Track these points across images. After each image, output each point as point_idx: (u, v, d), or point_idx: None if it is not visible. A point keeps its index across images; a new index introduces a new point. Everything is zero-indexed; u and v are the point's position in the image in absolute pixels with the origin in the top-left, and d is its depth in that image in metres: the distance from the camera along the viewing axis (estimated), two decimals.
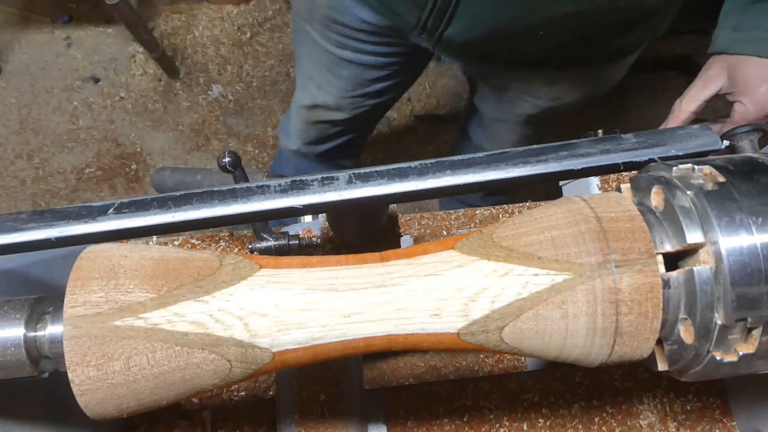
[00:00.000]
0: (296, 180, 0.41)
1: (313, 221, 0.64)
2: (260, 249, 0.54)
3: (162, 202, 0.41)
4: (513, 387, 0.60)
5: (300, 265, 0.36)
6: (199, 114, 1.92)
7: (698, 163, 0.36)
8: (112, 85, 1.93)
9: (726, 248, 0.32)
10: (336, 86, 1.05)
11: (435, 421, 0.58)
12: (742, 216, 0.32)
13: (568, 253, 0.34)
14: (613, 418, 0.58)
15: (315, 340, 0.35)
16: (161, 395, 0.34)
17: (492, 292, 0.34)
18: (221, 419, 0.58)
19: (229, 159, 0.47)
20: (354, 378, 0.55)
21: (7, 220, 0.40)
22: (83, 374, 0.32)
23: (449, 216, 0.73)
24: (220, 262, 0.36)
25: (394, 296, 0.35)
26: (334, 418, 0.53)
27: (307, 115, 1.16)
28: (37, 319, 0.35)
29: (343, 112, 1.11)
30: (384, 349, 0.36)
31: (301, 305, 0.34)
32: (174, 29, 2.01)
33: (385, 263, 0.36)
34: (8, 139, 1.86)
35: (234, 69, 1.97)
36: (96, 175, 1.84)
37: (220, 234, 0.66)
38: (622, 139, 0.42)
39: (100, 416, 0.34)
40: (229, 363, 0.34)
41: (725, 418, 0.58)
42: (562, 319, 0.34)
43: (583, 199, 0.37)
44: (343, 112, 1.11)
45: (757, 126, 0.43)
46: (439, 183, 0.41)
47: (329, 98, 1.08)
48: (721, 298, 0.32)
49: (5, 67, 1.94)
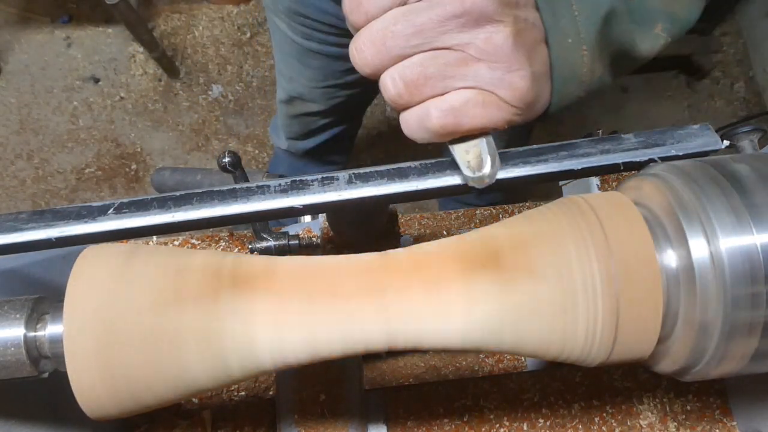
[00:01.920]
0: (296, 180, 0.41)
1: (313, 221, 0.64)
2: (260, 249, 0.54)
3: (162, 202, 0.41)
4: (513, 387, 0.60)
5: (300, 266, 0.36)
6: (199, 114, 1.91)
7: (698, 163, 0.36)
8: (112, 85, 1.93)
9: (726, 248, 0.32)
10: (306, 77, 1.04)
11: (435, 421, 0.58)
12: (743, 216, 0.32)
13: (568, 253, 0.34)
14: (613, 418, 0.58)
15: (315, 340, 0.35)
16: (161, 395, 0.34)
17: (492, 292, 0.34)
18: (221, 419, 0.58)
19: (229, 159, 0.47)
20: (354, 378, 0.55)
21: (7, 220, 0.40)
22: (83, 374, 0.32)
23: (449, 216, 0.73)
24: (221, 262, 0.36)
25: (395, 296, 0.35)
26: (334, 418, 0.53)
27: (287, 109, 1.16)
28: (37, 319, 0.35)
29: (318, 104, 1.10)
30: (385, 350, 0.36)
31: (301, 305, 0.34)
32: (174, 29, 2.01)
33: (385, 263, 0.36)
34: (8, 139, 1.86)
35: (234, 69, 1.97)
36: (96, 175, 1.84)
37: (220, 234, 0.66)
38: (622, 139, 0.42)
39: (100, 416, 0.34)
40: (229, 363, 0.34)
41: (725, 418, 0.58)
42: (562, 320, 0.34)
43: (583, 199, 0.37)
44: (318, 103, 1.10)
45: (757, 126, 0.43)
46: (439, 183, 0.41)
47: (302, 89, 1.07)
48: (722, 297, 0.32)
49: (5, 67, 1.94)
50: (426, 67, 0.36)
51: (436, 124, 0.38)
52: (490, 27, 0.36)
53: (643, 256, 0.33)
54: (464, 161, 0.39)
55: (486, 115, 0.38)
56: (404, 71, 0.37)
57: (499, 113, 0.38)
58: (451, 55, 0.36)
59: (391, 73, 0.37)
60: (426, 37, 0.36)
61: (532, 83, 0.38)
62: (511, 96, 0.38)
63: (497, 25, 0.36)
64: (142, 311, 0.33)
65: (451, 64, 0.36)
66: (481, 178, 0.39)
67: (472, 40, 0.36)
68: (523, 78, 0.37)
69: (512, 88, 0.37)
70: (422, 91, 0.37)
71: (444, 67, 0.36)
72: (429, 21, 0.35)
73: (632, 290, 0.33)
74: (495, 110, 0.38)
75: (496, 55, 0.36)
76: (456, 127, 0.38)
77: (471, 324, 0.35)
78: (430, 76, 0.36)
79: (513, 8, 0.37)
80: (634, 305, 0.33)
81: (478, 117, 0.38)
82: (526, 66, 0.37)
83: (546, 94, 0.41)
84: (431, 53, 0.36)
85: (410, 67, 0.36)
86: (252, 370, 0.35)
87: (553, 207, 0.37)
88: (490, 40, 0.36)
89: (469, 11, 0.35)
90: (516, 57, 0.37)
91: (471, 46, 0.36)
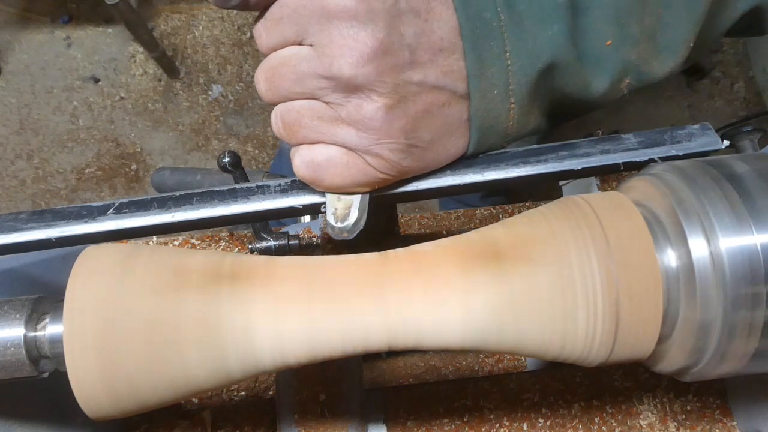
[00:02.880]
0: (296, 180, 0.41)
1: (313, 221, 0.64)
2: (260, 249, 0.54)
3: (162, 202, 0.41)
4: (513, 387, 0.60)
5: (299, 265, 0.36)
6: (199, 114, 1.92)
7: (698, 163, 0.36)
8: (112, 85, 1.93)
9: (726, 248, 0.32)
10: None
11: (435, 421, 0.58)
12: (743, 216, 0.32)
13: (568, 253, 0.34)
14: (613, 418, 0.58)
15: (314, 340, 0.35)
16: (161, 395, 0.34)
17: (492, 292, 0.34)
18: (221, 419, 0.58)
19: (229, 159, 0.47)
20: (354, 378, 0.55)
21: (7, 220, 0.40)
22: (83, 374, 0.32)
23: (449, 216, 0.73)
24: (221, 262, 0.36)
25: (394, 296, 0.35)
26: (334, 418, 0.53)
27: None
28: (37, 319, 0.35)
29: None
30: (385, 350, 0.36)
31: (301, 304, 0.34)
32: (174, 29, 2.01)
33: (385, 263, 0.36)
34: (8, 139, 1.86)
35: (234, 69, 1.97)
36: (96, 175, 1.84)
37: (220, 234, 0.66)
38: (622, 139, 0.42)
39: (100, 416, 0.34)
40: (229, 364, 0.34)
41: (725, 418, 0.58)
42: (562, 320, 0.34)
43: (583, 199, 0.37)
44: None
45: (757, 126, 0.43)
46: (439, 183, 0.41)
47: None
48: (722, 297, 0.32)
49: (5, 67, 1.94)
50: (302, 116, 0.36)
51: (299, 174, 0.38)
52: (361, 95, 0.34)
53: (643, 256, 0.33)
54: (332, 208, 0.39)
55: (349, 175, 0.37)
56: (284, 113, 0.37)
57: (364, 177, 0.37)
58: (326, 111, 0.35)
59: (276, 111, 0.37)
60: (305, 87, 0.35)
61: (405, 154, 0.36)
62: (378, 164, 0.36)
63: (370, 95, 0.34)
64: (142, 311, 0.33)
65: (324, 119, 0.36)
66: (341, 230, 0.38)
67: (343, 103, 0.35)
68: (393, 150, 0.36)
69: (379, 158, 0.36)
70: (297, 136, 0.37)
71: (317, 120, 0.36)
72: (308, 72, 0.34)
73: (632, 290, 0.33)
74: (359, 173, 0.37)
75: (364, 124, 0.35)
76: (316, 182, 0.38)
77: (471, 323, 0.35)
78: (304, 125, 0.36)
79: (399, 73, 0.34)
80: (634, 305, 0.33)
81: (339, 176, 0.37)
82: (400, 138, 0.35)
83: (449, 149, 0.39)
84: (309, 103, 0.36)
85: (288, 112, 0.36)
86: (252, 369, 0.35)
87: (553, 207, 0.37)
88: (359, 108, 0.34)
89: (336, 77, 0.33)
90: (386, 129, 0.35)
91: (342, 108, 0.35)
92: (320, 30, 0.33)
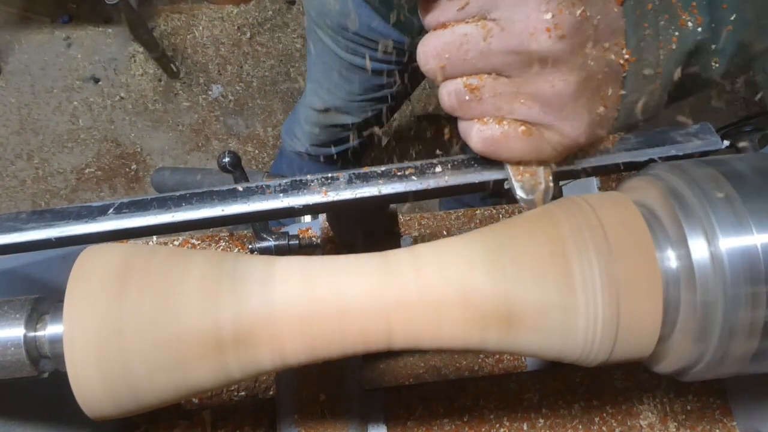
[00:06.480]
0: (296, 180, 0.41)
1: (313, 221, 0.64)
2: (260, 249, 0.54)
3: (162, 202, 0.41)
4: (513, 387, 0.60)
5: (299, 265, 0.36)
6: (199, 114, 1.91)
7: (699, 163, 0.36)
8: (112, 85, 1.93)
9: (726, 248, 0.32)
10: (346, 90, 1.05)
11: (435, 421, 0.58)
12: (743, 216, 0.32)
13: (568, 253, 0.34)
14: (613, 418, 0.58)
15: (314, 339, 0.35)
16: (161, 395, 0.34)
17: (492, 291, 0.34)
18: (221, 419, 0.58)
19: (229, 159, 0.47)
20: (354, 378, 0.55)
21: (7, 220, 0.40)
22: (83, 374, 0.32)
23: (449, 216, 0.73)
24: (221, 262, 0.36)
25: (394, 295, 0.35)
26: (334, 418, 0.53)
27: (318, 118, 1.17)
28: (37, 319, 0.35)
29: (352, 116, 1.12)
30: (384, 349, 0.36)
31: (301, 304, 0.34)
32: (174, 29, 2.01)
33: (385, 262, 0.36)
34: (8, 139, 1.86)
35: (234, 69, 1.97)
36: (96, 175, 1.84)
37: (220, 234, 0.66)
38: (622, 139, 0.42)
39: (100, 416, 0.34)
40: (228, 363, 0.34)
41: (725, 418, 0.58)
42: (562, 319, 0.34)
43: (583, 199, 0.37)
44: (352, 115, 1.12)
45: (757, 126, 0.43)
46: (439, 183, 0.41)
47: (339, 102, 1.09)
48: (722, 298, 0.32)
49: (5, 67, 1.94)
50: (482, 92, 0.36)
51: (475, 147, 0.38)
52: (554, 71, 0.34)
53: (643, 256, 0.33)
54: (518, 182, 0.39)
55: (527, 150, 0.37)
56: (460, 90, 0.36)
57: (541, 153, 0.37)
58: (507, 87, 0.35)
59: (447, 88, 0.37)
60: (490, 62, 0.34)
61: (586, 130, 0.37)
62: (557, 141, 0.37)
63: (562, 71, 0.34)
64: (142, 311, 0.33)
65: (505, 95, 0.35)
66: (531, 201, 0.39)
67: (532, 80, 0.34)
68: (575, 128, 0.36)
69: (561, 134, 0.36)
70: (473, 111, 0.37)
71: (497, 96, 0.35)
72: (499, 48, 0.34)
73: (632, 290, 0.33)
74: (537, 148, 0.37)
75: (552, 101, 0.35)
76: (493, 155, 0.38)
77: (471, 323, 0.35)
78: (484, 101, 0.36)
79: (587, 49, 0.34)
80: (634, 305, 0.33)
81: (518, 151, 0.37)
82: (584, 115, 0.36)
83: (608, 125, 0.39)
84: (489, 78, 0.35)
85: (465, 88, 0.36)
86: (252, 370, 0.35)
87: (553, 207, 0.37)
88: (550, 84, 0.34)
89: (532, 52, 0.33)
90: (573, 106, 0.35)
91: (530, 85, 0.34)
92: (513, 5, 0.33)
